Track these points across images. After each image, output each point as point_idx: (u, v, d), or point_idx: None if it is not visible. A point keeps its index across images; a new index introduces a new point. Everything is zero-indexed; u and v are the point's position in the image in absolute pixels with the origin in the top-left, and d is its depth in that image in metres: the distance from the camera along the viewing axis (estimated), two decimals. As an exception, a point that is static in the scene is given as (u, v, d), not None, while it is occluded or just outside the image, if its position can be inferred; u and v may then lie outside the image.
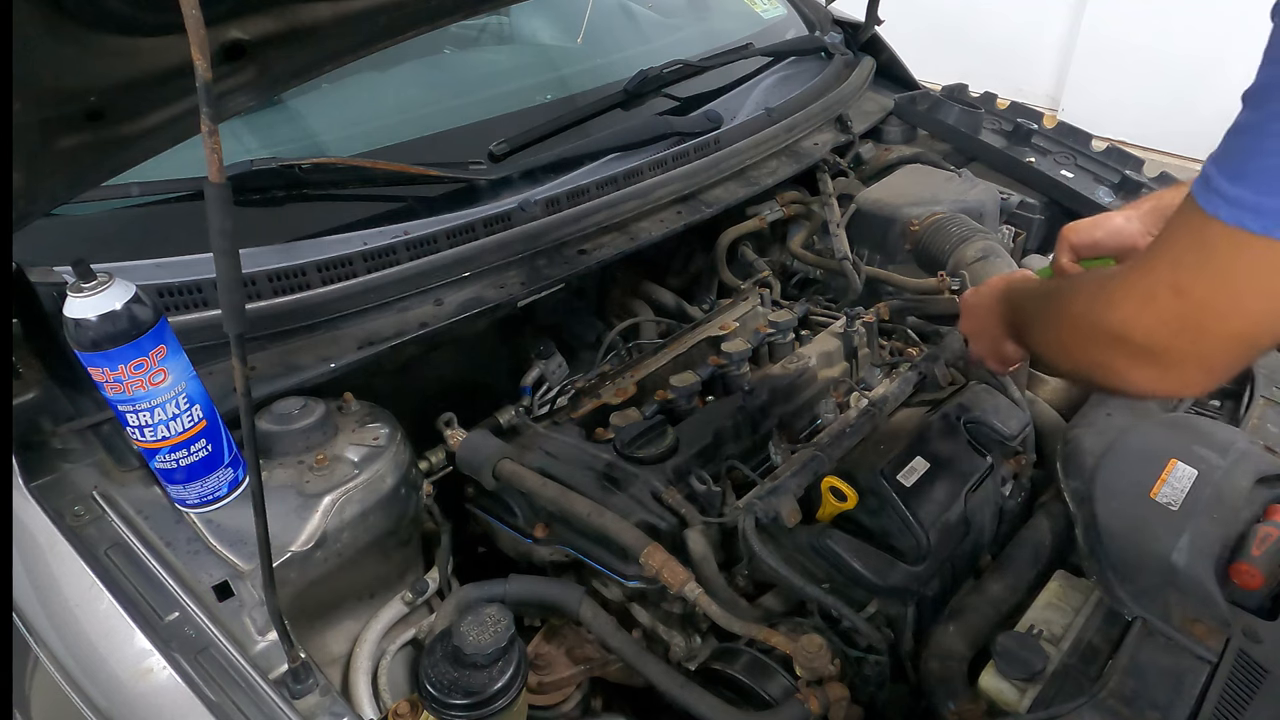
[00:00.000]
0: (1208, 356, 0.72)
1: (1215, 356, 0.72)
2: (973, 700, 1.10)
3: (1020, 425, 1.39)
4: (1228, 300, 0.68)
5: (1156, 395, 0.81)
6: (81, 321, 0.90)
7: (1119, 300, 0.76)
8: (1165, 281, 0.71)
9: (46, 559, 0.98)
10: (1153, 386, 0.78)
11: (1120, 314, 0.76)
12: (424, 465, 1.28)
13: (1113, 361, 0.79)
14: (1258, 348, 0.72)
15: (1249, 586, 1.09)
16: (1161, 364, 0.75)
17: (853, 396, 1.39)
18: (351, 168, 1.43)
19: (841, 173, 2.06)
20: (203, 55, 0.65)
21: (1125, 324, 0.75)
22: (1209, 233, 0.65)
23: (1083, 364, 0.86)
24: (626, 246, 1.58)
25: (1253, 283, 0.66)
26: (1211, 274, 0.67)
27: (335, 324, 1.29)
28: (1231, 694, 1.01)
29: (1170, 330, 0.72)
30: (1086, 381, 0.88)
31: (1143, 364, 0.76)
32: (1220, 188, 0.64)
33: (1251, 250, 0.63)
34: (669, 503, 1.19)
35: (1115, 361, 0.78)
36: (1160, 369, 0.75)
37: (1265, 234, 0.62)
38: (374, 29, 1.12)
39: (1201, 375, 0.74)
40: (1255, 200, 0.62)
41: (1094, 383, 0.89)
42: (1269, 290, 0.65)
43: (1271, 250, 0.62)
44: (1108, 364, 0.80)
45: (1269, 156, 0.62)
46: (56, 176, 0.98)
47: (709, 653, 1.18)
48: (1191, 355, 0.72)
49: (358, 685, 1.08)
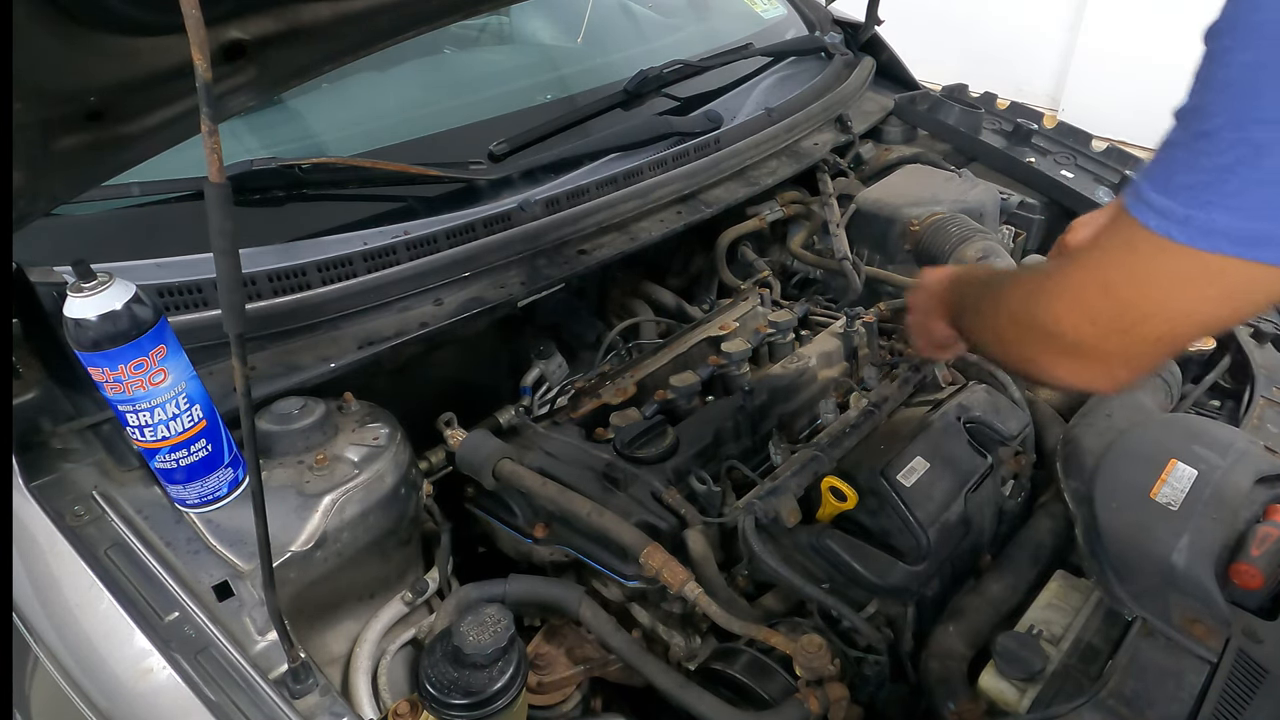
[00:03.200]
0: (1131, 354, 0.77)
1: (1137, 354, 0.77)
2: (973, 700, 1.10)
3: (1020, 425, 1.39)
4: (1151, 303, 0.72)
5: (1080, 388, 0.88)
6: (81, 321, 0.90)
7: (1052, 297, 0.81)
8: (1095, 281, 0.76)
9: (46, 559, 0.98)
10: (1077, 380, 0.83)
11: (1052, 311, 0.80)
12: (424, 465, 1.28)
13: (1042, 354, 0.83)
14: (1176, 346, 0.78)
15: (1249, 586, 1.09)
16: (1086, 359, 0.79)
17: (853, 396, 1.39)
18: (351, 168, 1.43)
19: (841, 173, 2.06)
20: (203, 55, 0.65)
21: (1057, 320, 0.80)
22: (1137, 239, 0.69)
23: (1014, 354, 0.90)
24: (626, 246, 1.58)
25: (1174, 288, 0.71)
26: (1137, 278, 0.72)
27: (335, 324, 1.29)
28: (1231, 694, 1.01)
29: (1097, 328, 0.77)
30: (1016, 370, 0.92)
31: (1069, 358, 0.80)
32: (1149, 198, 0.68)
33: (1175, 258, 0.68)
34: (669, 503, 1.20)
35: (1044, 354, 0.83)
36: (1084, 363, 0.80)
37: (1188, 244, 0.66)
38: (374, 29, 1.12)
39: (1124, 371, 0.80)
40: (1182, 213, 0.66)
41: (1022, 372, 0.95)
42: (1189, 295, 0.70)
43: (1192, 259, 0.66)
44: (1037, 356, 0.84)
45: (1195, 174, 0.66)
46: (56, 176, 0.98)
47: (709, 653, 1.18)
48: (1116, 352, 0.77)
49: (358, 685, 1.08)
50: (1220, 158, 0.64)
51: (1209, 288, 0.69)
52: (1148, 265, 0.71)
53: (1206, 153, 0.65)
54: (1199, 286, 0.69)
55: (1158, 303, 0.72)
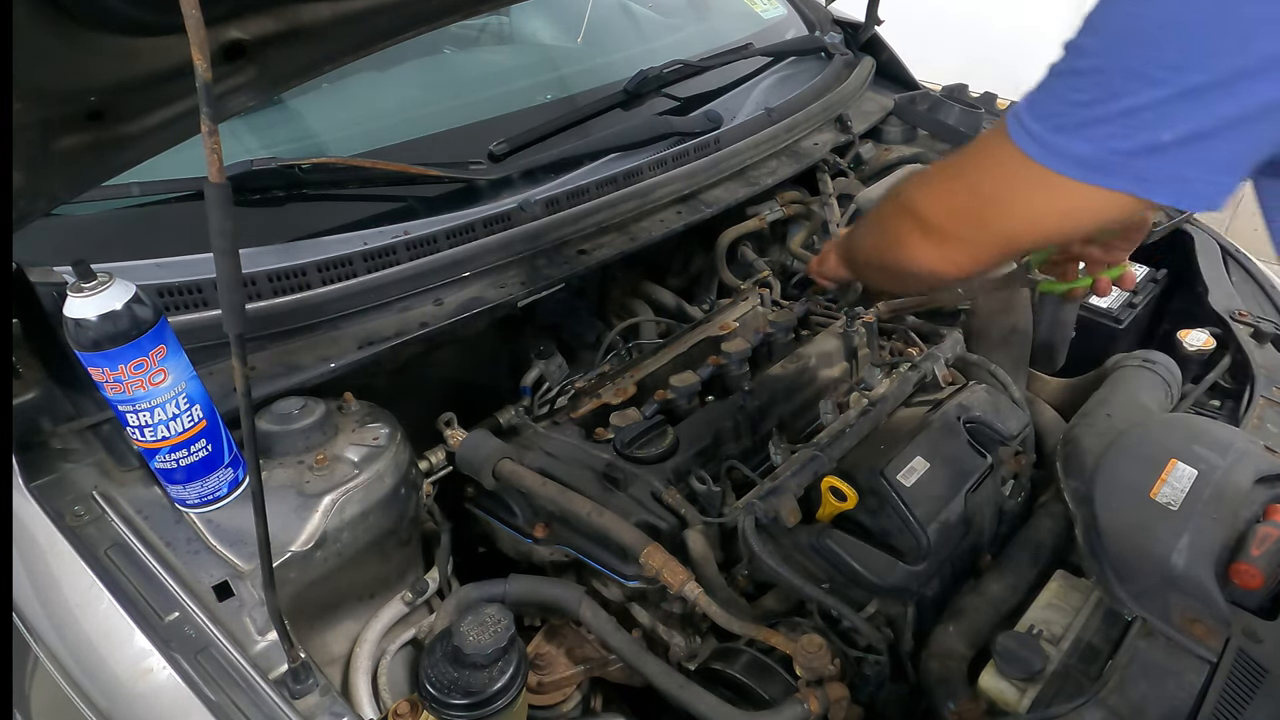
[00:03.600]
0: (978, 245, 0.90)
1: (983, 246, 0.90)
2: (973, 700, 1.10)
3: (1020, 425, 1.39)
4: (1004, 206, 0.84)
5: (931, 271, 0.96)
6: (81, 321, 0.90)
7: (927, 185, 0.96)
8: (965, 177, 0.90)
9: (46, 559, 0.98)
10: (928, 259, 0.94)
11: (924, 195, 0.95)
12: (424, 465, 1.28)
13: (909, 234, 0.95)
14: (1015, 248, 0.93)
15: (1249, 586, 1.09)
16: (942, 243, 0.92)
17: (853, 396, 1.39)
18: (351, 168, 1.43)
19: (841, 173, 2.05)
20: (203, 55, 0.65)
21: (926, 202, 0.94)
22: (1004, 151, 0.79)
23: (887, 237, 1.02)
24: (626, 246, 1.58)
25: (1026, 198, 0.82)
26: (997, 181, 0.84)
27: (335, 324, 1.29)
28: (1231, 694, 1.01)
29: (956, 216, 0.90)
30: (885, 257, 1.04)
31: (927, 240, 0.93)
32: (1024, 121, 0.78)
33: (1029, 171, 0.78)
34: (669, 503, 1.19)
35: (910, 234, 0.95)
36: (939, 246, 0.93)
37: (1043, 164, 0.76)
38: (374, 29, 1.12)
39: (967, 259, 0.92)
40: (1044, 137, 0.76)
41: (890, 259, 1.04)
42: (1036, 206, 0.81)
43: (1043, 176, 0.77)
44: (904, 236, 0.96)
45: (1061, 105, 0.76)
46: (56, 176, 0.98)
47: (709, 653, 1.18)
48: (967, 240, 0.90)
49: (358, 685, 1.08)
50: (1083, 94, 0.74)
51: (1053, 202, 0.80)
52: (1010, 177, 0.82)
53: (1075, 88, 0.74)
54: (1045, 200, 0.80)
55: (1009, 207, 0.84)
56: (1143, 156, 0.71)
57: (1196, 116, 0.68)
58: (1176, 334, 1.70)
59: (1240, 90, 0.67)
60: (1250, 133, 0.69)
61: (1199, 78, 0.67)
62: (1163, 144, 0.70)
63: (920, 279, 0.99)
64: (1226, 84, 0.67)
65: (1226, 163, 0.71)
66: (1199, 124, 0.69)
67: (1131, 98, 0.70)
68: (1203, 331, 1.69)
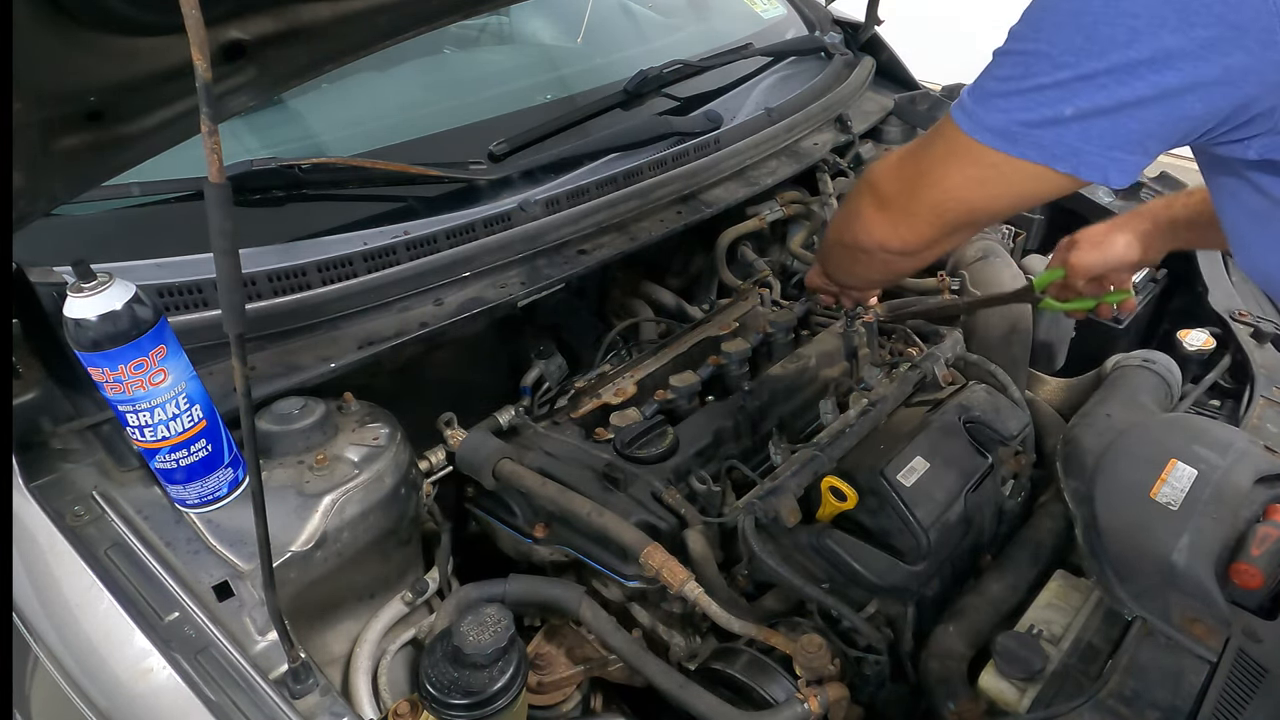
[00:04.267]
0: (915, 214, 0.97)
1: (920, 215, 0.97)
2: (973, 700, 1.10)
3: (1020, 425, 1.39)
4: (936, 172, 0.92)
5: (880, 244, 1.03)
6: (81, 321, 0.90)
7: (886, 160, 1.04)
8: (915, 152, 0.97)
9: (46, 559, 0.98)
10: (879, 230, 1.02)
11: (882, 168, 1.03)
12: (424, 465, 1.28)
13: (865, 207, 1.03)
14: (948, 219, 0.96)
15: (1249, 586, 1.09)
16: (889, 213, 1.00)
17: (852, 396, 1.39)
18: (351, 168, 1.43)
19: (841, 173, 2.05)
20: (203, 55, 0.65)
21: (881, 174, 1.03)
22: (946, 127, 0.88)
23: (848, 212, 1.10)
24: (626, 246, 1.58)
25: (950, 163, 0.90)
26: (934, 151, 0.93)
27: (335, 324, 1.29)
28: (1231, 693, 1.01)
29: (901, 185, 0.99)
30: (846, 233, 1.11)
31: (880, 212, 1.01)
32: (963, 99, 0.86)
33: (957, 140, 0.86)
34: (669, 503, 1.20)
35: (866, 207, 1.03)
36: (887, 216, 1.01)
37: (968, 133, 0.84)
38: (374, 29, 1.12)
39: (909, 231, 0.99)
40: (969, 107, 0.85)
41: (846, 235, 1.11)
42: (955, 171, 0.90)
43: (966, 144, 0.85)
44: (861, 209, 1.04)
45: (989, 81, 0.84)
46: (56, 176, 0.98)
47: (709, 653, 1.18)
48: (907, 210, 0.98)
49: (358, 685, 1.08)
50: (1006, 71, 0.82)
51: (970, 169, 0.87)
52: (943, 146, 0.90)
53: (1001, 66, 0.83)
54: (963, 167, 0.88)
55: (939, 174, 0.92)
56: (1044, 128, 0.79)
57: (1095, 96, 0.76)
58: (1176, 334, 1.70)
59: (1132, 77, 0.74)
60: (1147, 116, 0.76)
61: (1096, 64, 0.75)
62: (1063, 118, 0.78)
63: (871, 256, 1.06)
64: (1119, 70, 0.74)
65: (1124, 140, 0.78)
66: (1097, 103, 0.76)
67: (1041, 76, 0.78)
68: (1203, 331, 1.69)
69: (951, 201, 0.93)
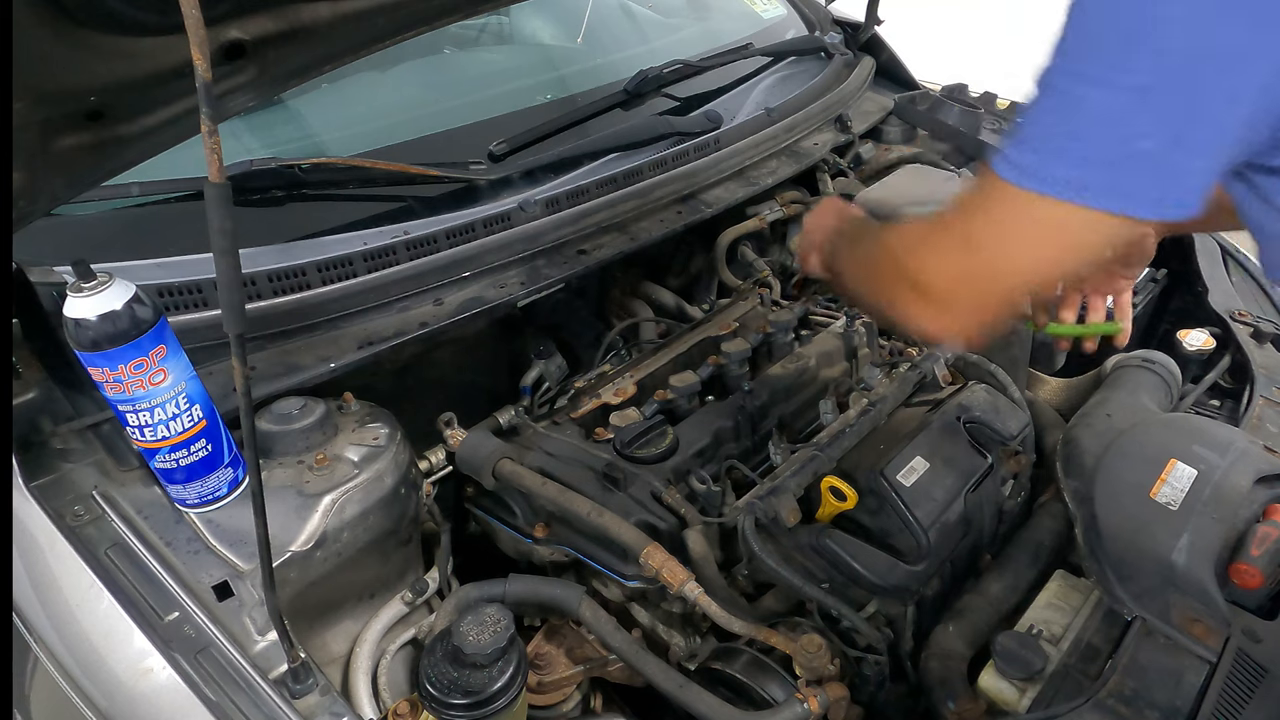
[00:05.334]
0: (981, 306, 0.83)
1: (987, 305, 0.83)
2: (972, 700, 1.10)
3: (1020, 425, 1.39)
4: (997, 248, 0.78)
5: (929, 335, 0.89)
6: (81, 321, 0.90)
7: (921, 245, 0.86)
8: (955, 229, 0.82)
9: (46, 559, 0.98)
10: (929, 326, 0.87)
11: (918, 260, 0.85)
12: (424, 465, 1.28)
13: (903, 297, 0.87)
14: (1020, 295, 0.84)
15: (1248, 586, 1.09)
16: (943, 310, 0.84)
17: (852, 396, 1.39)
18: (351, 168, 1.43)
19: (841, 173, 2.06)
20: (203, 55, 0.65)
21: (920, 266, 0.85)
22: (990, 186, 0.76)
23: (881, 296, 0.93)
24: (626, 246, 1.58)
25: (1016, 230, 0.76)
26: (987, 222, 0.78)
27: (335, 324, 1.29)
28: (1231, 693, 1.01)
29: (955, 280, 0.82)
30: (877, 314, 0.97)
31: (927, 305, 0.85)
32: (1006, 151, 0.74)
33: (1016, 200, 0.73)
34: (669, 503, 1.19)
35: (904, 297, 0.87)
36: (939, 313, 0.85)
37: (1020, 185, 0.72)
38: (374, 29, 1.12)
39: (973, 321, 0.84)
40: (1018, 158, 0.73)
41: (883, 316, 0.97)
42: (1027, 236, 0.76)
43: (1029, 202, 0.72)
44: (899, 301, 0.88)
45: (1033, 125, 0.73)
46: (56, 176, 0.98)
47: (709, 653, 1.18)
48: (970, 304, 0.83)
49: (358, 685, 1.08)
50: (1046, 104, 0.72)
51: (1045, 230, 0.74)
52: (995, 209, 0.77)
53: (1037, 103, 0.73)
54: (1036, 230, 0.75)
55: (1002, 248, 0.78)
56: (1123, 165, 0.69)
57: None
58: (1176, 334, 1.70)
59: None
60: None
61: None
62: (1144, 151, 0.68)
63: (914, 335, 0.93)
64: None
65: None
66: None
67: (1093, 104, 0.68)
68: (1202, 331, 1.69)
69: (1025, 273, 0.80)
